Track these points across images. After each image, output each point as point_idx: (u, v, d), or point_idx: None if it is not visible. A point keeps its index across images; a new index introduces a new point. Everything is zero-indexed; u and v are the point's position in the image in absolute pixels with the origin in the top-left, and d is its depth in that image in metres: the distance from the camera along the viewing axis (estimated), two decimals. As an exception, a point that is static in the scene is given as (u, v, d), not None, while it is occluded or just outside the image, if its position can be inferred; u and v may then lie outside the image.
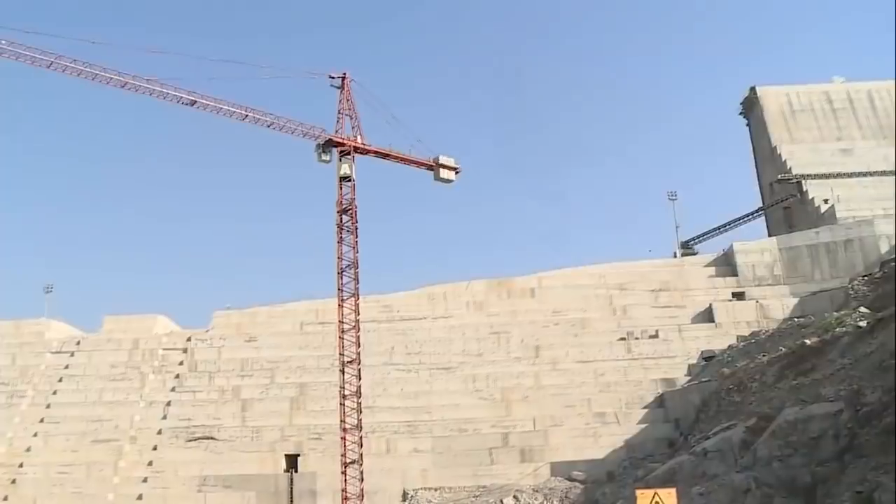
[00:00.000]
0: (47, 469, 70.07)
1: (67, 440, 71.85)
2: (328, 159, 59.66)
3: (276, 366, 72.61)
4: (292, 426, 67.22)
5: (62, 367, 79.96)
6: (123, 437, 70.63)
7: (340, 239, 58.87)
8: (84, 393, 75.96)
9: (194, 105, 59.71)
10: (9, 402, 77.74)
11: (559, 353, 69.50)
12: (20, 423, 75.18)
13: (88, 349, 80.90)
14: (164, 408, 72.16)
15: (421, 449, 63.94)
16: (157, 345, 78.87)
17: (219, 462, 66.06)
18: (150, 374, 75.94)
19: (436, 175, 63.00)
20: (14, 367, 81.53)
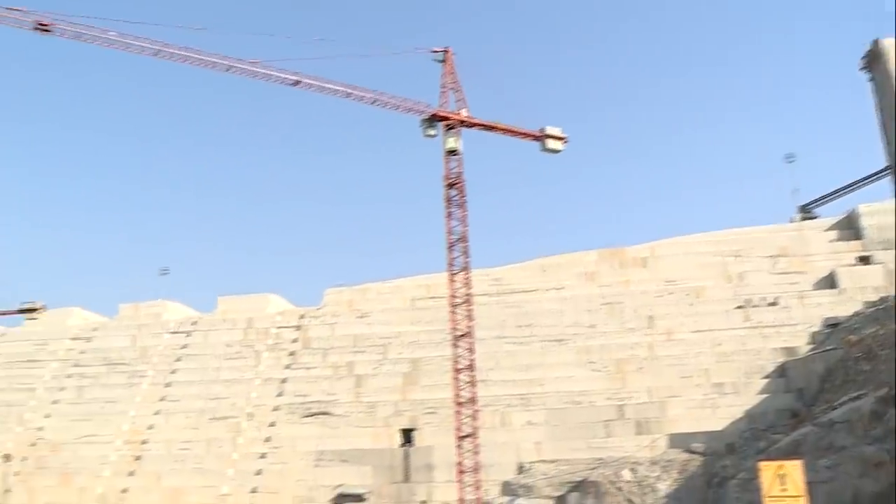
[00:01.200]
0: (169, 446, 74.59)
1: (187, 418, 76.18)
2: (434, 134, 61.11)
3: (389, 341, 75.00)
4: (406, 401, 69.60)
5: (180, 346, 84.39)
6: (241, 414, 74.46)
7: (449, 213, 60.35)
8: (201, 372, 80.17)
9: (298, 85, 61.95)
10: (130, 382, 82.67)
11: (674, 322, 69.81)
12: (142, 402, 79.96)
13: (204, 329, 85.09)
14: (280, 385, 75.63)
15: (535, 422, 65.48)
16: (270, 323, 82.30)
17: (334, 437, 69.15)
18: (265, 351, 79.47)
19: (543, 146, 63.77)
20: (134, 348, 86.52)
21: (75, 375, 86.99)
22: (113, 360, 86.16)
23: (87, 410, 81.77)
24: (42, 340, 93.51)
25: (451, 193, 60.73)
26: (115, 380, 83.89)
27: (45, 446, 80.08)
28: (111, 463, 75.45)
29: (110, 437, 77.61)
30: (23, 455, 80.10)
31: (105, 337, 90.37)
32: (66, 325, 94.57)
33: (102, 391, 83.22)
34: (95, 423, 79.73)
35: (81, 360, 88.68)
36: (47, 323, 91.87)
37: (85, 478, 74.96)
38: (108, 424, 78.93)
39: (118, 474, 74.28)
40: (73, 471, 76.04)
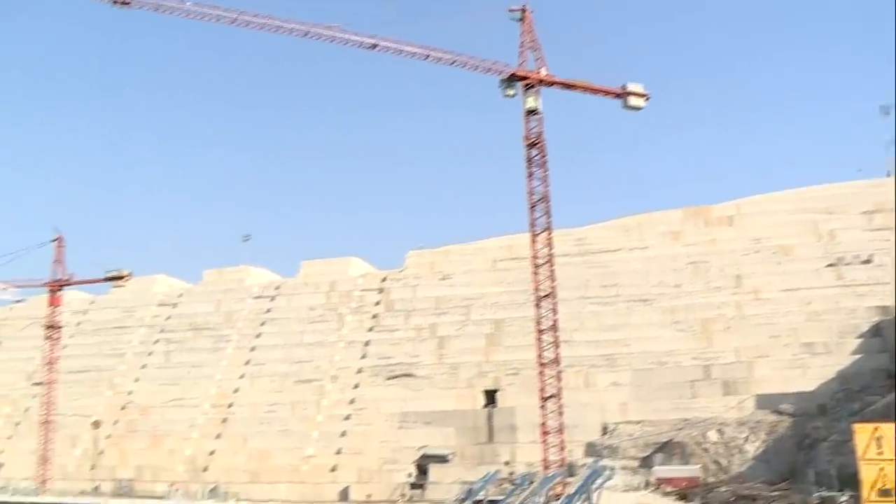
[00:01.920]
0: (254, 409, 77.28)
1: (272, 381, 78.72)
2: (513, 94, 61.44)
3: (471, 302, 76.18)
4: (489, 362, 70.86)
5: (263, 311, 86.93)
6: (325, 377, 76.68)
7: (530, 173, 60.80)
8: (285, 335, 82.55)
9: (375, 48, 62.83)
10: (215, 347, 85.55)
11: (761, 281, 69.50)
12: (227, 366, 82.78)
13: (287, 293, 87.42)
14: (363, 347, 77.58)
15: (619, 382, 66.20)
16: (353, 286, 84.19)
17: (418, 399, 70.83)
18: (348, 315, 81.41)
19: (624, 103, 63.62)
20: (219, 313, 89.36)
21: (162, 341, 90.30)
22: (198, 326, 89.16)
23: (174, 375, 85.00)
24: (129, 307, 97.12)
25: (532, 153, 61.11)
26: (201, 344, 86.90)
27: (135, 410, 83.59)
28: (198, 425, 78.44)
29: (197, 400, 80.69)
30: (114, 418, 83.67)
31: (190, 303, 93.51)
32: (151, 291, 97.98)
33: (189, 356, 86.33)
34: (183, 386, 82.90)
35: (168, 325, 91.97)
36: (134, 290, 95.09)
37: (174, 440, 78.13)
38: (194, 388, 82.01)
39: (205, 436, 77.25)
40: (163, 433, 79.28)
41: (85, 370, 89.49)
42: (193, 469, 74.11)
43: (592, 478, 49.49)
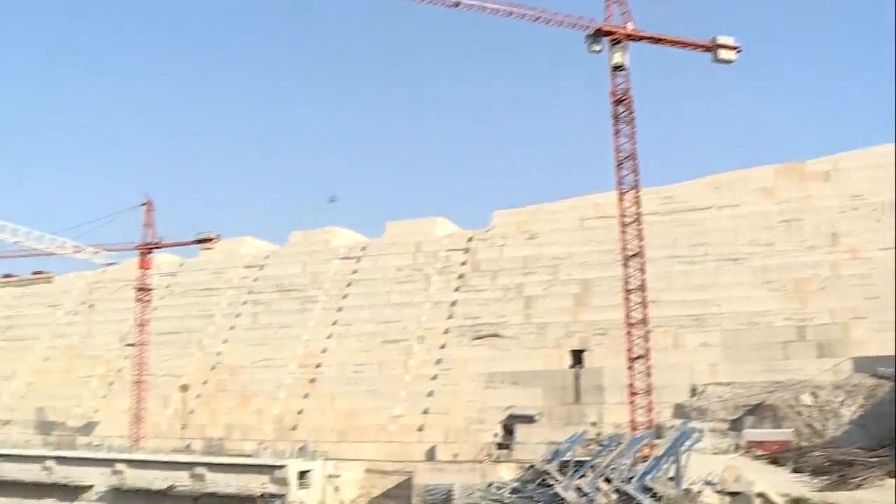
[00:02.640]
0: (342, 368, 79.28)
1: (359, 341, 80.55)
2: (599, 49, 61.33)
3: (559, 262, 76.67)
4: (577, 322, 71.46)
5: (350, 272, 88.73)
6: (412, 337, 78.19)
7: (616, 131, 60.83)
8: (372, 296, 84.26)
9: (458, 7, 63.08)
10: (303, 308, 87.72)
11: (859, 240, 68.25)
12: (314, 327, 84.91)
13: (373, 254, 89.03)
14: (450, 307, 78.84)
15: (709, 343, 66.18)
16: (439, 247, 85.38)
17: (505, 359, 71.89)
18: (434, 275, 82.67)
19: (714, 56, 62.90)
20: (305, 275, 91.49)
21: (250, 302, 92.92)
22: (285, 287, 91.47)
23: (262, 335, 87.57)
24: (218, 269, 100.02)
25: (619, 110, 61.05)
26: (288, 306, 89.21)
27: (224, 370, 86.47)
28: (286, 385, 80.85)
29: (285, 360, 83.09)
30: (203, 379, 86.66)
31: (277, 264, 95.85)
32: (239, 253, 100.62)
33: (276, 317, 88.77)
34: (270, 347, 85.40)
35: (255, 287, 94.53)
36: (222, 252, 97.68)
37: (262, 400, 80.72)
38: (282, 348, 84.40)
39: (293, 396, 79.62)
40: (251, 393, 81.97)
41: (175, 331, 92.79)
42: (282, 428, 76.59)
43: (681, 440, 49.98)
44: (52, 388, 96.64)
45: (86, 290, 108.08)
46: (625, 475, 49.48)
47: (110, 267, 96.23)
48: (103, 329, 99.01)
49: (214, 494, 62.27)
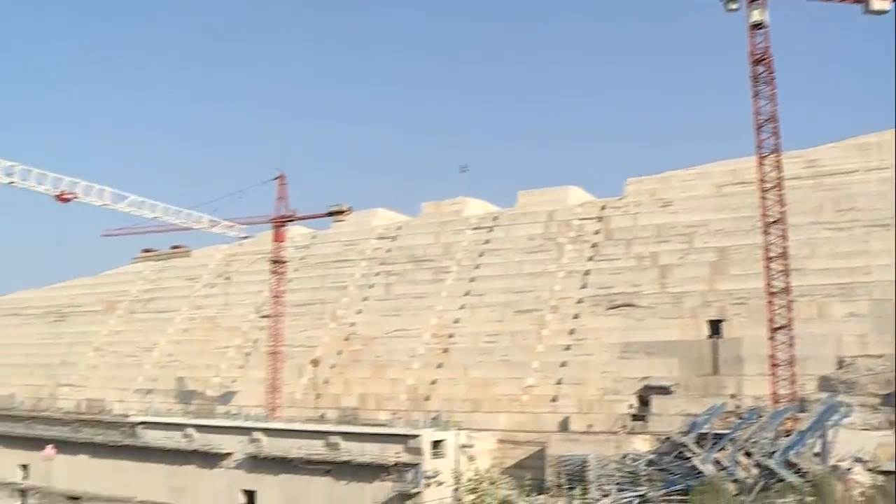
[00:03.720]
0: (475, 339, 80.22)
1: (492, 311, 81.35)
2: (736, 7, 59.71)
3: (694, 230, 75.65)
4: (714, 291, 70.43)
5: (482, 242, 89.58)
6: (544, 307, 78.50)
7: (756, 92, 59.47)
8: (504, 266, 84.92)
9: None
10: (435, 278, 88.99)
11: None
12: (447, 297, 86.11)
13: (505, 224, 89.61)
14: (583, 277, 78.80)
15: (858, 313, 64.24)
16: (571, 216, 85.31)
17: (639, 329, 71.52)
18: (567, 244, 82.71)
19: (865, 7, 60.31)
20: (438, 245, 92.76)
21: (383, 273, 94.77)
22: (418, 257, 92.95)
23: (395, 306, 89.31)
24: (350, 241, 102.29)
25: (758, 70, 59.61)
26: (421, 276, 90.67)
27: (358, 340, 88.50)
28: (420, 356, 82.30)
29: (418, 330, 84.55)
30: (337, 349, 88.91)
31: (409, 235, 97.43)
32: (371, 225, 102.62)
33: (409, 287, 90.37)
34: (404, 317, 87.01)
35: (388, 258, 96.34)
36: (354, 224, 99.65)
37: (396, 369, 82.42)
38: (415, 319, 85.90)
39: (427, 366, 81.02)
40: (385, 363, 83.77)
41: (309, 303, 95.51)
42: (415, 398, 78.09)
43: (828, 414, 49.05)
44: (192, 358, 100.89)
45: (222, 263, 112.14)
46: (766, 449, 48.91)
47: (245, 240, 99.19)
48: (240, 301, 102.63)
49: (349, 463, 64.04)
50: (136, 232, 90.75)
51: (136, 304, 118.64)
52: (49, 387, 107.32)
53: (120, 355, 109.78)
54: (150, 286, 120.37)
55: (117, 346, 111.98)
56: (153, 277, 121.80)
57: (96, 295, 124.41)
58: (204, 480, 72.29)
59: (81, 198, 74.59)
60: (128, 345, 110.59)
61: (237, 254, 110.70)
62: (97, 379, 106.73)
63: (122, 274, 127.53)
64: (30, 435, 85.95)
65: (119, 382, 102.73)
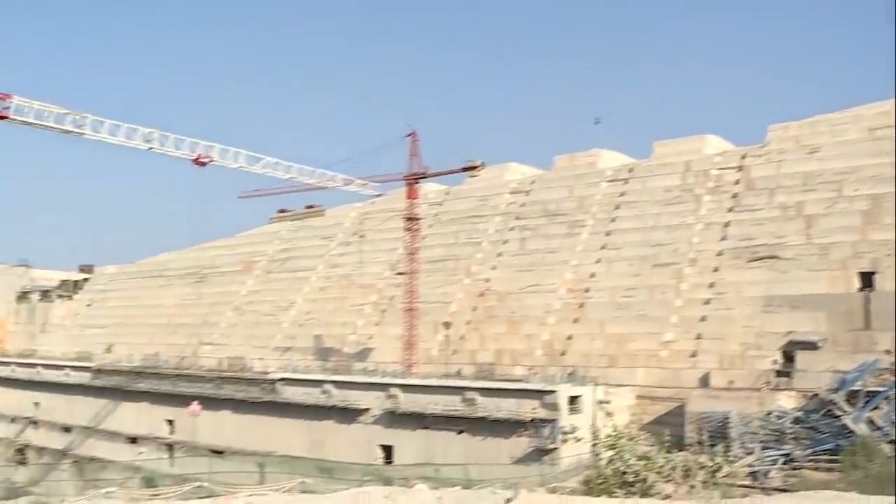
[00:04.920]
0: (611, 293, 79.44)
1: (629, 265, 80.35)
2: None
3: (843, 177, 72.74)
4: (865, 242, 67.75)
5: (617, 195, 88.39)
6: (682, 260, 77.07)
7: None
8: (641, 219, 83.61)
9: None
10: (570, 233, 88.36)
11: None
12: (582, 252, 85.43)
13: (641, 175, 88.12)
14: (723, 229, 76.94)
15: None
16: (709, 165, 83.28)
17: (783, 282, 69.46)
18: (705, 195, 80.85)
19: None
20: (571, 199, 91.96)
21: (517, 228, 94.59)
22: (551, 212, 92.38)
23: (529, 261, 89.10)
24: (483, 196, 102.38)
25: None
26: (555, 230, 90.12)
27: (493, 296, 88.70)
28: (555, 311, 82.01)
29: (553, 286, 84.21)
30: (472, 305, 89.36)
31: (543, 189, 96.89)
32: (504, 179, 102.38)
33: (543, 242, 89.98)
34: (538, 272, 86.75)
35: (522, 212, 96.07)
36: (487, 179, 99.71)
37: (531, 325, 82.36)
38: (550, 274, 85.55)
39: (562, 321, 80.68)
40: (520, 319, 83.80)
41: (443, 259, 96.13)
42: (551, 353, 77.89)
43: None
44: (329, 316, 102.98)
45: (357, 222, 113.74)
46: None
47: (379, 198, 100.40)
48: (374, 258, 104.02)
49: (485, 419, 64.48)
50: (271, 193, 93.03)
51: (272, 263, 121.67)
52: (191, 345, 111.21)
53: (258, 314, 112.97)
54: (286, 246, 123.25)
55: (256, 306, 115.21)
56: (289, 237, 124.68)
57: (235, 256, 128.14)
58: (342, 435, 73.94)
59: (218, 161, 76.51)
60: (266, 304, 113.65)
61: (371, 212, 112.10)
62: (237, 337, 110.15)
63: (259, 234, 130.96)
64: (175, 392, 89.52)
65: (258, 340, 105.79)
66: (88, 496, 35.31)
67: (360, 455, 69.28)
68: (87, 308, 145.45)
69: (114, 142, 70.40)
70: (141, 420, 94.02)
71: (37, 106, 65.45)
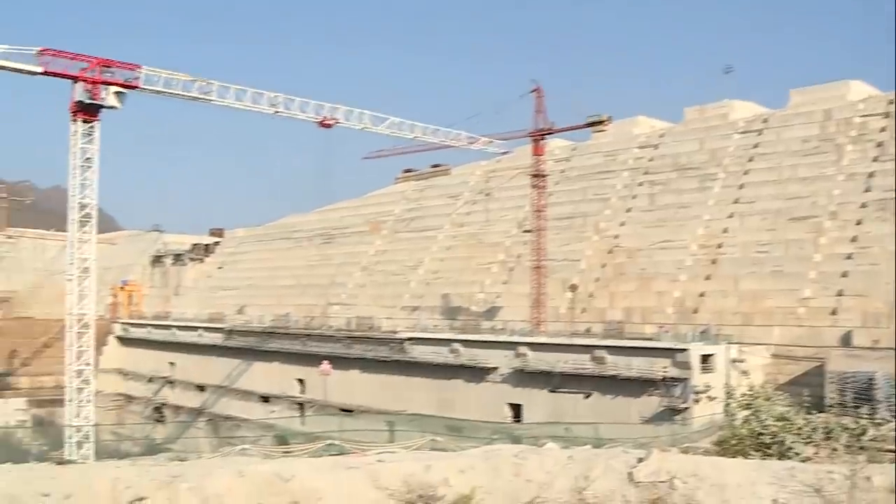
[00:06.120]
0: (745, 249, 77.30)
1: (763, 219, 78.02)
2: None
3: None
4: None
5: (751, 146, 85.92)
6: (822, 213, 74.43)
7: None
8: (776, 171, 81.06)
9: None
10: (701, 186, 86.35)
11: None
12: (715, 206, 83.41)
13: (776, 126, 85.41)
14: (867, 180, 74.01)
15: None
16: (852, 113, 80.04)
17: (934, 234, 66.16)
18: (848, 144, 77.81)
19: None
20: (703, 152, 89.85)
21: (646, 183, 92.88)
22: (682, 165, 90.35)
23: (660, 217, 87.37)
24: (611, 151, 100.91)
25: None
26: (686, 185, 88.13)
27: (622, 253, 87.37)
28: (687, 267, 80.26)
29: (685, 242, 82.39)
30: (601, 262, 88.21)
31: (672, 143, 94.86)
32: (632, 134, 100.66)
33: (674, 197, 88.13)
34: (669, 228, 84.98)
35: (651, 167, 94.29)
36: (614, 134, 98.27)
37: (662, 282, 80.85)
38: (681, 230, 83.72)
39: (694, 278, 78.93)
40: (650, 276, 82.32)
41: (571, 216, 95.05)
42: (682, 311, 76.31)
43: None
44: (456, 275, 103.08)
45: (482, 180, 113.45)
46: None
47: (504, 156, 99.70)
48: (501, 217, 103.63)
49: (615, 377, 63.75)
50: (396, 153, 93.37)
51: (399, 223, 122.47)
52: (320, 306, 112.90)
53: (386, 274, 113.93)
54: (412, 206, 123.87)
55: (383, 265, 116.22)
56: (415, 197, 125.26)
57: (361, 216, 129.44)
58: (470, 394, 74.25)
59: (343, 122, 76.95)
60: (393, 263, 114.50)
61: (496, 170, 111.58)
62: (365, 297, 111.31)
63: (385, 195, 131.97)
64: (305, 352, 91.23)
65: (386, 300, 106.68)
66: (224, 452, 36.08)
67: (488, 414, 69.39)
68: (218, 270, 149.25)
69: (240, 107, 71.51)
70: (272, 379, 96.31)
71: (164, 75, 66.95)
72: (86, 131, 64.73)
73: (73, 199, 65.30)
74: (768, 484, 10.95)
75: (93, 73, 63.65)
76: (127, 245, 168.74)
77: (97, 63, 63.94)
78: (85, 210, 65.65)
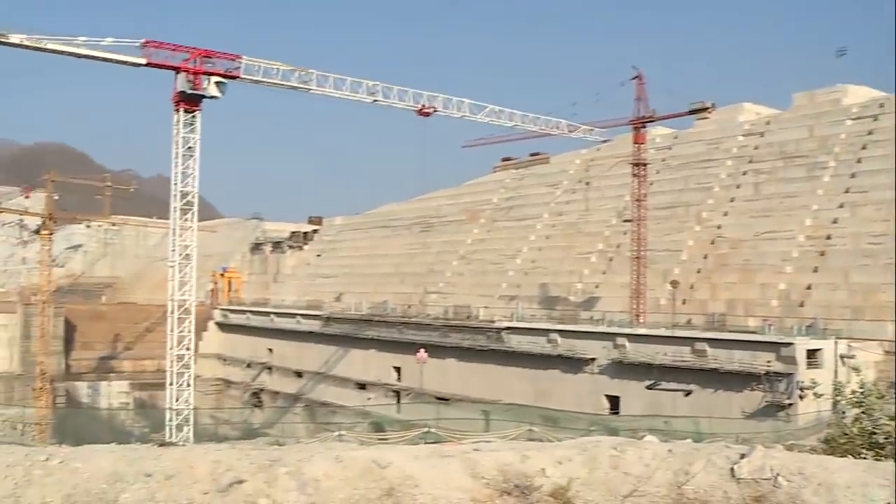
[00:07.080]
0: (856, 240, 75.18)
1: (877, 210, 75.75)
2: None
3: None
4: None
5: (864, 133, 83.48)
6: (943, 204, 71.72)
7: None
8: (892, 159, 78.20)
9: None
10: (810, 175, 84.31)
11: None
12: (824, 196, 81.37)
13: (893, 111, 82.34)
14: None
15: None
16: (974, 97, 77.05)
17: None
18: (978, 129, 74.88)
19: None
20: (812, 139, 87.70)
21: (751, 172, 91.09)
22: (789, 154, 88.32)
23: (765, 206, 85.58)
24: (714, 139, 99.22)
25: None
26: (793, 174, 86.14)
27: (725, 244, 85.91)
28: (793, 259, 78.47)
29: (791, 232, 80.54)
30: (703, 253, 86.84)
31: (779, 130, 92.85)
32: (736, 121, 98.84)
33: (780, 186, 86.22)
34: (774, 218, 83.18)
35: (756, 155, 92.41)
36: (718, 121, 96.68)
37: (766, 274, 79.20)
38: (788, 220, 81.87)
39: (801, 270, 77.12)
40: (754, 267, 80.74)
41: (672, 205, 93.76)
42: (787, 304, 74.65)
43: None
44: (554, 264, 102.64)
45: (582, 169, 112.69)
46: None
47: (604, 144, 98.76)
48: (600, 206, 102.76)
49: (716, 371, 62.66)
50: (495, 141, 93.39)
51: (497, 212, 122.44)
52: (417, 294, 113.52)
53: (484, 263, 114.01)
54: (511, 194, 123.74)
55: (481, 254, 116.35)
56: (513, 185, 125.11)
57: (459, 205, 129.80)
58: (568, 384, 73.74)
59: (441, 111, 77.03)
60: (491, 252, 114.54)
61: (596, 158, 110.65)
62: (463, 286, 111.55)
63: (484, 183, 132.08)
64: (401, 340, 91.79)
65: (483, 289, 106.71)
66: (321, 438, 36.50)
67: (585, 405, 68.92)
68: (316, 258, 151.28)
69: (339, 96, 72.07)
70: (369, 367, 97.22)
71: (264, 64, 67.90)
72: (187, 121, 66.01)
73: (175, 188, 66.66)
74: (881, 486, 10.57)
75: (194, 64, 64.86)
76: (227, 233, 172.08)
77: (198, 54, 65.13)
78: (186, 198, 66.99)
